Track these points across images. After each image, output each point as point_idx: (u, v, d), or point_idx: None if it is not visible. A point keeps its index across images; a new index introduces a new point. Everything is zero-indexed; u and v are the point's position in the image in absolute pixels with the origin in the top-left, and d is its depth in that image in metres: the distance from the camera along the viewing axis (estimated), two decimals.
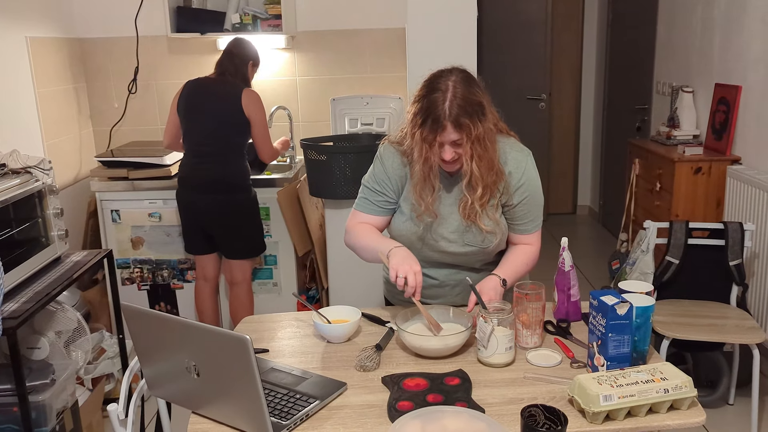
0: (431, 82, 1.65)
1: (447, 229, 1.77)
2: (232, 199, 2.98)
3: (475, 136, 1.61)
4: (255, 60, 3.11)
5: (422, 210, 1.74)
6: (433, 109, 1.60)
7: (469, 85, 1.63)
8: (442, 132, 1.61)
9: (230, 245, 3.08)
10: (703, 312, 2.69)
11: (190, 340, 1.32)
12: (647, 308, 1.52)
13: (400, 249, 1.71)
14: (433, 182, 1.71)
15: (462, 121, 1.59)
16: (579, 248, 5.04)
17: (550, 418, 1.23)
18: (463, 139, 1.62)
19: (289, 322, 1.88)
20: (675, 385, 1.36)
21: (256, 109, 2.98)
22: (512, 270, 1.78)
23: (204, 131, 2.95)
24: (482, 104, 1.64)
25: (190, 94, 2.97)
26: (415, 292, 1.64)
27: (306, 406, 1.40)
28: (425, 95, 1.63)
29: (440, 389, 1.45)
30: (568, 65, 5.78)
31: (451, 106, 1.59)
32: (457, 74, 1.64)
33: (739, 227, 2.73)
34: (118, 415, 1.47)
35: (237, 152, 2.99)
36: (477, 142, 1.62)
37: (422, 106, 1.63)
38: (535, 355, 1.62)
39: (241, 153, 3.02)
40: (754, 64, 3.16)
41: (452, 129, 1.60)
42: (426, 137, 1.63)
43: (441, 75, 1.65)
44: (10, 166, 2.37)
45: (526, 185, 1.76)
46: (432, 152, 1.65)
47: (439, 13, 3.33)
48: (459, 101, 1.59)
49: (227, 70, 3.00)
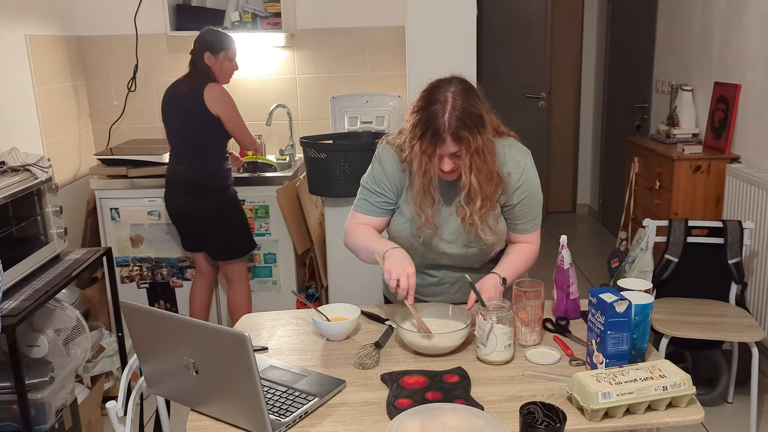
0: (430, 93, 1.63)
1: (446, 231, 1.78)
2: (208, 201, 2.92)
3: (475, 149, 1.61)
4: (213, 49, 2.88)
5: (422, 222, 1.73)
6: (433, 122, 1.59)
7: (468, 96, 1.62)
8: (441, 144, 1.60)
9: (212, 247, 3.04)
10: (702, 310, 2.69)
11: (189, 337, 1.32)
12: (646, 306, 1.53)
13: (395, 250, 1.70)
14: (432, 194, 1.70)
15: (461, 134, 1.58)
16: (578, 247, 5.04)
17: (549, 416, 1.23)
18: (462, 152, 1.61)
19: (288, 320, 1.88)
20: (674, 383, 1.36)
21: (221, 104, 2.85)
22: (512, 268, 1.78)
23: (175, 132, 2.94)
24: (482, 116, 1.62)
25: (165, 96, 2.98)
26: (408, 295, 1.63)
27: (305, 404, 1.40)
28: (424, 107, 1.62)
29: (439, 387, 1.45)
30: (568, 63, 5.78)
31: (451, 119, 1.58)
32: (457, 85, 1.63)
33: (738, 226, 2.73)
34: (117, 412, 1.47)
35: (210, 152, 2.91)
36: (476, 154, 1.62)
37: (421, 117, 1.62)
38: (534, 352, 1.62)
39: (216, 152, 2.93)
40: (753, 62, 3.16)
41: (452, 141, 1.59)
42: (425, 150, 1.62)
43: (440, 86, 1.63)
44: (9, 164, 2.37)
45: (525, 185, 1.75)
46: (431, 164, 1.64)
47: (439, 12, 3.33)
48: (458, 113, 1.58)
49: (193, 66, 2.93)
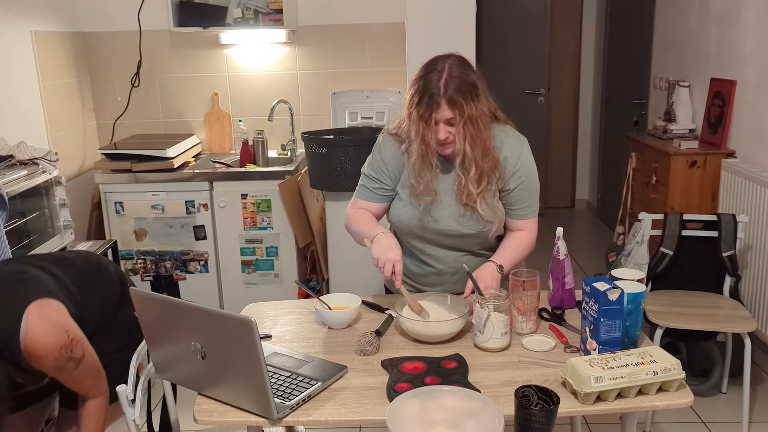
0: (428, 65, 1.73)
1: (444, 211, 1.82)
2: None
3: (468, 116, 1.68)
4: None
5: (421, 189, 1.79)
6: (429, 87, 1.68)
7: (464, 67, 1.72)
8: (437, 109, 1.68)
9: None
10: (697, 302, 2.73)
11: (196, 323, 1.37)
12: (638, 294, 1.57)
13: (382, 236, 1.75)
14: (431, 159, 1.76)
15: (456, 99, 1.66)
16: (577, 242, 5.09)
17: (543, 398, 1.27)
18: (456, 118, 1.68)
19: (290, 309, 1.93)
20: (664, 368, 1.41)
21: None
22: (509, 256, 1.83)
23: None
24: (476, 85, 1.71)
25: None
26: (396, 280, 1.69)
27: (308, 388, 1.45)
28: (422, 76, 1.72)
29: (438, 372, 1.50)
30: (567, 60, 5.81)
31: (447, 84, 1.66)
32: (454, 58, 1.73)
33: (732, 219, 2.78)
34: (128, 395, 1.52)
35: None
36: (470, 122, 1.69)
37: (418, 86, 1.71)
38: (530, 340, 1.67)
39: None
40: (749, 59, 3.20)
41: (447, 106, 1.67)
42: (422, 114, 1.70)
43: (438, 59, 1.73)
44: (18, 158, 2.42)
45: (521, 170, 1.81)
46: (429, 130, 1.72)
47: (439, 8, 3.37)
48: (454, 81, 1.67)
49: None
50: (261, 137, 3.61)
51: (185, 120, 3.88)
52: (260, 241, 3.39)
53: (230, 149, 3.86)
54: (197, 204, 3.35)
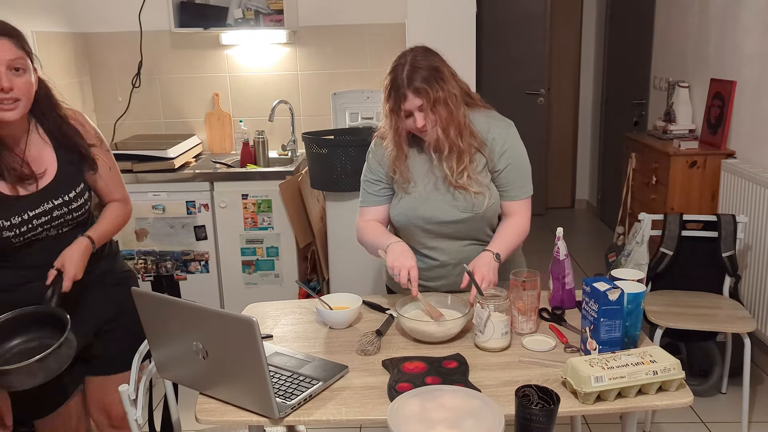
0: (394, 62, 1.78)
1: (438, 196, 1.85)
2: None
3: (434, 100, 1.72)
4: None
5: (397, 177, 1.86)
6: (395, 82, 1.73)
7: (426, 55, 1.76)
8: (404, 101, 1.73)
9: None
10: (697, 302, 2.74)
11: (198, 323, 1.38)
12: (638, 294, 1.58)
13: (396, 245, 1.79)
14: (403, 148, 1.83)
15: (419, 87, 1.71)
16: (577, 242, 5.09)
17: (544, 398, 1.28)
18: (424, 104, 1.72)
19: (291, 309, 1.94)
20: (663, 368, 1.41)
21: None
22: (504, 244, 1.85)
23: None
24: (439, 69, 1.74)
25: None
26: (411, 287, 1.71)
27: (309, 387, 1.45)
28: (389, 73, 1.77)
29: (438, 372, 1.51)
30: (567, 60, 5.82)
31: (410, 75, 1.71)
32: (417, 49, 1.78)
33: (731, 219, 2.78)
34: (130, 395, 1.52)
35: None
36: (438, 105, 1.73)
37: (387, 83, 1.77)
38: (530, 340, 1.68)
39: None
40: (748, 59, 3.21)
41: (413, 96, 1.72)
42: (393, 108, 1.76)
43: (402, 54, 1.79)
44: None
45: (510, 150, 1.85)
46: (401, 122, 1.77)
47: (439, 9, 3.38)
48: (417, 70, 1.71)
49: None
50: (261, 137, 3.61)
51: (186, 120, 3.89)
52: (261, 241, 3.40)
53: (231, 149, 3.87)
54: (198, 204, 3.36)
